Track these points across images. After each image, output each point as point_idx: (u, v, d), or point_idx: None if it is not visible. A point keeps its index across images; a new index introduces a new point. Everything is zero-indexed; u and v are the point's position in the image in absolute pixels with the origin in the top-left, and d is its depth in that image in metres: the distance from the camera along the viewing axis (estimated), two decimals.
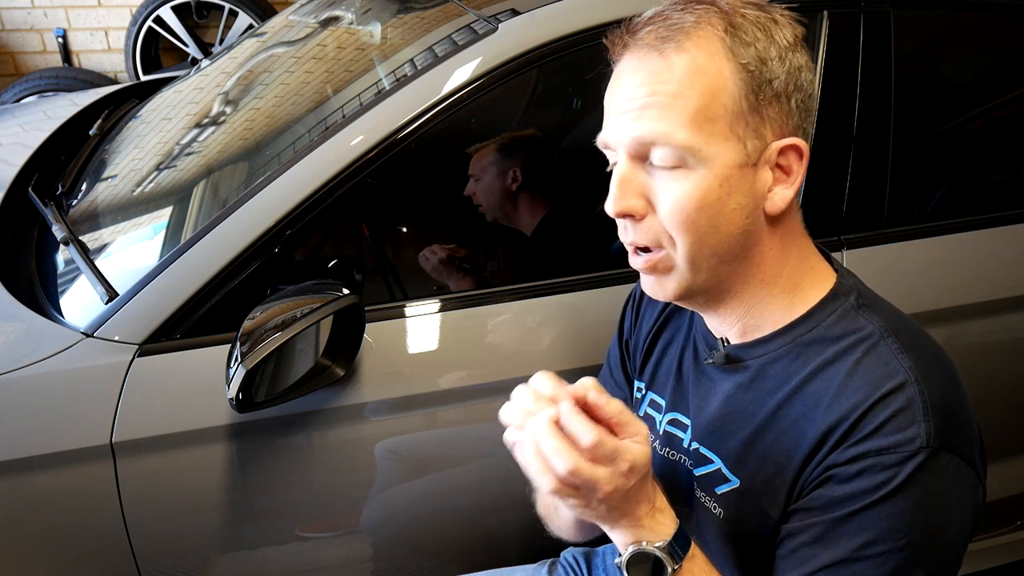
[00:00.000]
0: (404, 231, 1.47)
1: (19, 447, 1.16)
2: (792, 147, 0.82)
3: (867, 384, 0.79)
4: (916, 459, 0.75)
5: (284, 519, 1.32)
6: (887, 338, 0.81)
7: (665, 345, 1.03)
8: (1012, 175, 1.61)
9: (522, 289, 1.35)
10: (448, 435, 1.34)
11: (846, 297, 0.85)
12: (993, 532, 1.75)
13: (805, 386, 0.83)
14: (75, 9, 4.05)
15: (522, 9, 1.32)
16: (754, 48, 0.79)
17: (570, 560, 1.24)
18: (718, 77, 0.78)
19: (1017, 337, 1.54)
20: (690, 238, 0.81)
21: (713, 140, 0.78)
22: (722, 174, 0.79)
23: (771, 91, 0.80)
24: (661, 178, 0.80)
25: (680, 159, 0.79)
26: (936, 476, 0.76)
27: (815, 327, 0.84)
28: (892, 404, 0.77)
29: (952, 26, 1.51)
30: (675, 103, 0.78)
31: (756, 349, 0.88)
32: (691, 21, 0.79)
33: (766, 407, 0.85)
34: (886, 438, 0.76)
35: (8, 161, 1.81)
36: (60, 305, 1.35)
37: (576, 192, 1.53)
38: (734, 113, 0.79)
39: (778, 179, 0.82)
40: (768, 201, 0.82)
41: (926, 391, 0.77)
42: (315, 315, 1.10)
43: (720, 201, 0.80)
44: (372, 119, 1.26)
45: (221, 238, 1.23)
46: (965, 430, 0.80)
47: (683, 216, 0.80)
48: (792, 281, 0.86)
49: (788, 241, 0.86)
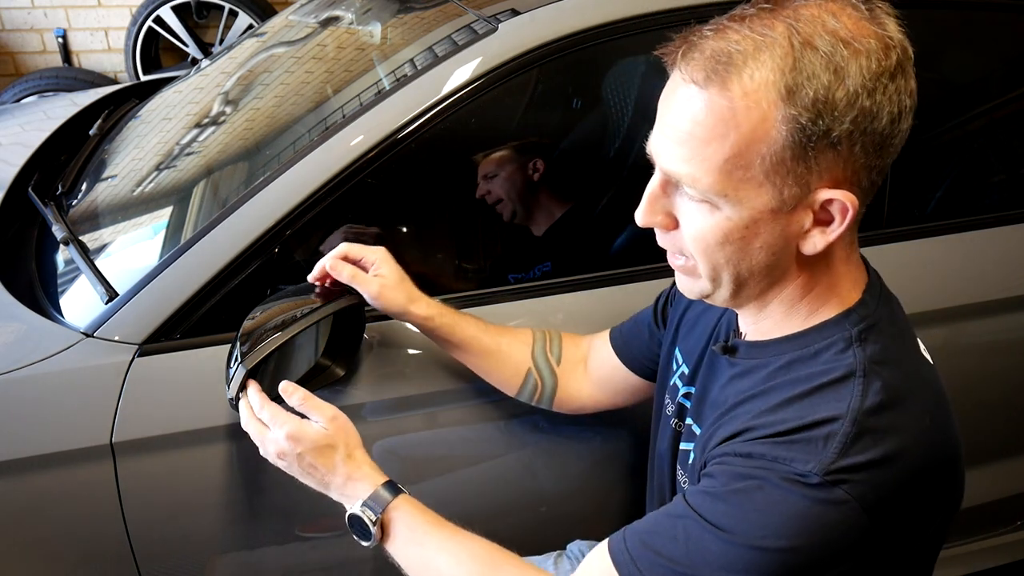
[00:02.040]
0: (404, 231, 1.47)
1: (19, 447, 1.16)
2: (837, 200, 0.75)
3: (807, 409, 0.78)
4: (794, 483, 0.74)
5: (284, 519, 1.32)
6: (858, 378, 0.77)
7: (702, 311, 1.05)
8: (1012, 175, 1.61)
9: (522, 289, 1.35)
10: (448, 435, 1.34)
11: (852, 326, 0.82)
12: (993, 532, 1.75)
13: (766, 392, 0.83)
14: (75, 9, 4.05)
15: (522, 9, 1.32)
16: (817, 89, 0.70)
17: (576, 553, 1.24)
18: (760, 124, 0.72)
19: (1017, 337, 1.54)
20: (708, 264, 0.81)
21: (744, 186, 0.74)
22: (750, 217, 0.76)
23: (826, 141, 0.72)
24: (687, 205, 0.79)
25: (706, 198, 0.77)
26: (811, 506, 0.73)
27: (807, 346, 0.83)
28: (814, 430, 0.76)
29: (952, 26, 1.51)
30: (705, 149, 0.74)
31: (753, 350, 0.89)
32: (746, 53, 0.72)
33: (732, 400, 0.87)
34: (785, 450, 0.76)
35: (8, 161, 1.81)
36: (60, 305, 1.35)
37: (580, 192, 1.53)
38: (773, 162, 0.73)
39: (818, 222, 0.77)
40: (805, 242, 0.79)
41: (855, 433, 0.74)
42: (315, 315, 1.10)
43: (744, 239, 0.78)
44: (372, 119, 1.26)
45: (221, 238, 1.23)
46: (888, 484, 0.75)
47: (703, 246, 0.79)
48: (816, 303, 0.85)
49: (822, 271, 0.83)
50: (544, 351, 1.22)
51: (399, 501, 0.96)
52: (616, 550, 0.83)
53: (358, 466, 0.98)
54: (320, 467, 0.98)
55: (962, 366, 1.52)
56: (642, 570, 0.79)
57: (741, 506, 0.76)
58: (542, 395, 1.22)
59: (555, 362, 1.22)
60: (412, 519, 0.95)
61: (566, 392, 1.22)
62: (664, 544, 0.79)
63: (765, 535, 0.74)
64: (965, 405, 1.51)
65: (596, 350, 1.23)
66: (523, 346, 1.21)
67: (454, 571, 0.92)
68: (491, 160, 1.44)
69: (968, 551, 1.72)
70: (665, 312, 1.16)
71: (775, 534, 0.74)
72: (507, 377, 1.21)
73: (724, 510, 0.77)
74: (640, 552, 0.80)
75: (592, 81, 1.47)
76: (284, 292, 1.17)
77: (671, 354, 1.09)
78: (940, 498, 0.81)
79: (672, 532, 0.79)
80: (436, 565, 0.93)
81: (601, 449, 1.38)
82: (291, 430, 0.97)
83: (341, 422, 1.00)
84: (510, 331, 1.22)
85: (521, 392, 1.22)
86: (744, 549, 0.75)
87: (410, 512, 0.96)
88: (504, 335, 1.21)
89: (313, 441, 0.97)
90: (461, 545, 0.93)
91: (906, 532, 0.79)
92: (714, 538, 0.76)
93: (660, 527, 0.81)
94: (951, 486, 0.83)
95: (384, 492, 0.96)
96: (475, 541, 0.94)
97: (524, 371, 1.20)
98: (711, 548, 0.76)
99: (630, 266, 1.37)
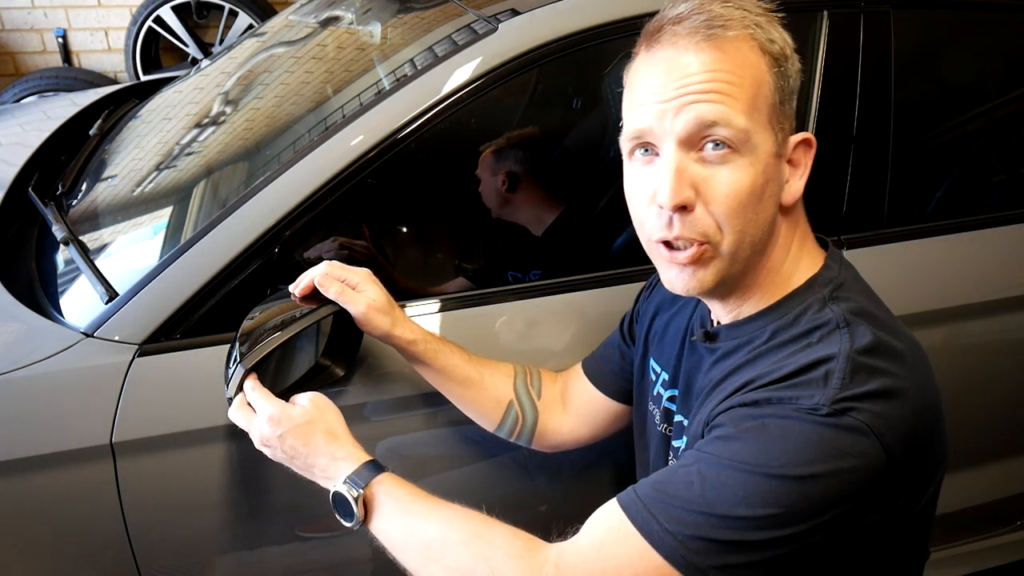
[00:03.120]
0: (404, 231, 1.47)
1: (19, 447, 1.16)
2: (804, 141, 0.88)
3: (800, 358, 0.81)
4: (805, 414, 0.77)
5: (284, 519, 1.32)
6: (842, 328, 0.82)
7: (668, 319, 1.09)
8: (1012, 175, 1.61)
9: (523, 289, 1.35)
10: (448, 435, 1.34)
11: (822, 288, 0.87)
12: (993, 532, 1.75)
13: (754, 360, 0.86)
14: (75, 9, 4.05)
15: (522, 9, 1.32)
16: (778, 45, 0.85)
17: None
18: (759, 68, 0.83)
19: (1017, 337, 1.54)
20: (738, 226, 0.83)
21: (759, 129, 0.82)
22: (764, 162, 0.83)
23: (789, 88, 0.86)
24: (713, 167, 0.82)
25: (735, 145, 0.81)
26: (825, 431, 0.76)
27: (786, 314, 0.87)
28: (811, 371, 0.79)
29: (952, 26, 1.51)
30: (732, 88, 0.81)
31: (732, 331, 0.91)
32: (727, 15, 0.83)
33: (719, 376, 0.89)
34: (789, 391, 0.79)
35: (8, 161, 1.81)
36: (60, 305, 1.35)
37: (581, 192, 1.53)
38: (771, 105, 0.83)
39: (792, 172, 0.88)
40: (785, 192, 0.87)
41: (851, 369, 0.78)
42: (315, 315, 1.10)
43: (762, 188, 0.83)
44: (372, 119, 1.25)
45: (221, 238, 1.23)
46: (893, 416, 0.78)
47: (736, 203, 0.82)
48: (787, 271, 0.90)
49: (792, 230, 0.90)
50: (526, 384, 1.22)
51: (383, 476, 0.95)
52: (626, 500, 0.82)
53: (341, 445, 0.98)
54: (301, 448, 0.98)
55: (962, 366, 1.52)
56: (655, 514, 0.79)
57: (756, 439, 0.77)
58: (522, 430, 1.21)
59: (536, 396, 1.22)
60: (397, 491, 0.93)
61: (546, 427, 1.22)
62: (678, 488, 0.79)
63: (783, 463, 0.75)
64: (965, 405, 1.52)
65: (572, 384, 1.24)
66: (505, 378, 1.21)
67: (445, 535, 0.88)
68: (485, 160, 1.43)
69: (968, 551, 1.72)
70: (632, 330, 1.18)
71: (793, 461, 0.75)
72: (488, 410, 1.20)
73: (739, 447, 0.78)
74: (652, 497, 0.80)
75: (592, 81, 1.47)
76: (284, 292, 1.17)
77: (646, 367, 1.11)
78: (936, 439, 0.84)
79: (687, 477, 0.79)
80: (424, 532, 0.89)
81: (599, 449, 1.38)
82: (271, 413, 0.99)
83: (320, 402, 1.01)
84: (492, 363, 1.21)
85: (501, 426, 1.21)
86: (762, 478, 0.75)
87: (394, 484, 0.94)
88: (487, 366, 1.20)
89: (292, 420, 0.98)
90: (451, 510, 0.91)
91: (916, 474, 0.81)
92: (731, 472, 0.77)
93: (673, 476, 0.81)
94: (941, 428, 0.85)
95: (367, 469, 0.95)
96: (464, 509, 0.91)
97: (505, 403, 1.20)
98: (728, 483, 0.76)
99: (629, 267, 1.37)
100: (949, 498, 1.53)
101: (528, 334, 1.33)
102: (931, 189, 1.53)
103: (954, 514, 1.61)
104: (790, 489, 0.74)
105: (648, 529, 0.78)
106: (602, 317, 1.31)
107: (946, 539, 1.68)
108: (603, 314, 1.32)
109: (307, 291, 1.11)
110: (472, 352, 1.21)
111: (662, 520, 0.78)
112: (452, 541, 0.87)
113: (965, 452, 1.57)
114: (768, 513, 0.75)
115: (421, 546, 0.89)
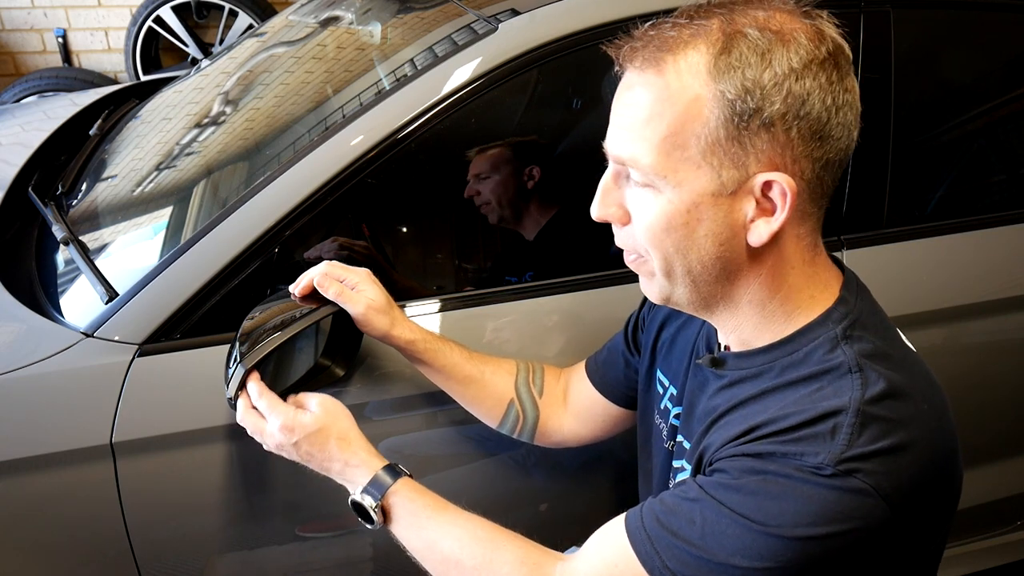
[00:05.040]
0: (404, 231, 1.47)
1: (19, 447, 1.16)
2: (776, 183, 0.77)
3: (808, 406, 0.78)
4: (809, 474, 0.74)
5: (284, 519, 1.32)
6: (854, 372, 0.78)
7: (676, 331, 1.07)
8: (1012, 175, 1.61)
9: (523, 289, 1.35)
10: (449, 434, 1.34)
11: (835, 324, 0.82)
12: (993, 532, 1.75)
13: (762, 396, 0.83)
14: (75, 9, 4.05)
15: (522, 9, 1.32)
16: (741, 74, 0.74)
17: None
18: (694, 104, 0.76)
19: (1017, 337, 1.54)
20: (658, 254, 0.82)
21: (682, 167, 0.77)
22: (690, 200, 0.78)
23: (758, 122, 0.75)
24: (634, 193, 0.82)
25: (649, 180, 0.79)
26: (828, 494, 0.73)
27: (796, 351, 0.83)
28: (818, 424, 0.76)
29: (952, 26, 1.51)
30: (644, 129, 0.78)
31: (741, 361, 0.88)
32: (681, 40, 0.77)
33: (724, 406, 0.87)
34: (794, 446, 0.76)
35: (8, 161, 1.81)
36: (60, 305, 1.35)
37: (578, 194, 1.53)
38: (708, 142, 0.76)
39: (763, 211, 0.78)
40: (751, 232, 0.79)
41: (860, 423, 0.75)
42: (315, 315, 1.10)
43: (688, 226, 0.79)
44: (372, 119, 1.25)
45: (221, 238, 1.23)
46: (901, 473, 0.75)
47: (650, 234, 0.81)
48: (788, 305, 0.85)
49: (782, 268, 0.83)
50: (527, 382, 1.21)
51: (398, 485, 0.98)
52: (633, 527, 0.83)
53: (354, 451, 1.00)
54: (317, 454, 1.00)
55: (962, 366, 1.52)
56: (659, 551, 0.80)
57: (756, 495, 0.76)
58: (523, 427, 1.21)
59: (537, 394, 1.21)
60: (412, 503, 0.97)
61: (547, 425, 1.22)
62: (681, 526, 0.79)
63: (781, 523, 0.74)
64: (965, 405, 1.51)
65: (574, 383, 1.23)
66: (507, 376, 1.21)
67: (456, 554, 0.93)
68: (483, 160, 1.43)
69: (968, 551, 1.72)
70: (636, 338, 1.16)
71: (792, 523, 0.74)
72: (489, 407, 1.20)
73: (740, 499, 0.77)
74: (657, 532, 0.81)
75: (592, 81, 1.47)
76: (284, 292, 1.17)
77: (652, 378, 1.10)
78: (950, 484, 0.81)
79: (690, 515, 0.79)
80: (439, 547, 0.94)
81: (599, 448, 1.38)
82: (284, 422, 1.00)
83: (330, 406, 1.02)
84: (493, 360, 1.21)
85: (503, 423, 1.21)
86: (762, 536, 0.75)
87: (410, 496, 0.97)
88: (487, 364, 1.20)
89: (305, 428, 1.00)
90: (462, 527, 0.95)
91: (924, 524, 0.79)
92: (731, 523, 0.76)
93: (678, 508, 0.81)
94: (956, 471, 0.83)
95: (383, 477, 0.98)
96: (476, 522, 0.95)
97: (506, 402, 1.20)
98: (727, 532, 0.76)
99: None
100: None
101: (528, 334, 1.33)
102: (931, 189, 1.53)
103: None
104: (788, 547, 0.74)
105: (652, 565, 0.80)
106: (603, 318, 1.31)
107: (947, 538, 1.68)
108: (604, 315, 1.32)
109: (307, 291, 1.11)
110: (473, 351, 1.21)
111: (664, 557, 0.79)
112: (464, 566, 0.92)
113: (965, 452, 1.57)
114: (765, 566, 0.75)
115: (437, 561, 0.95)
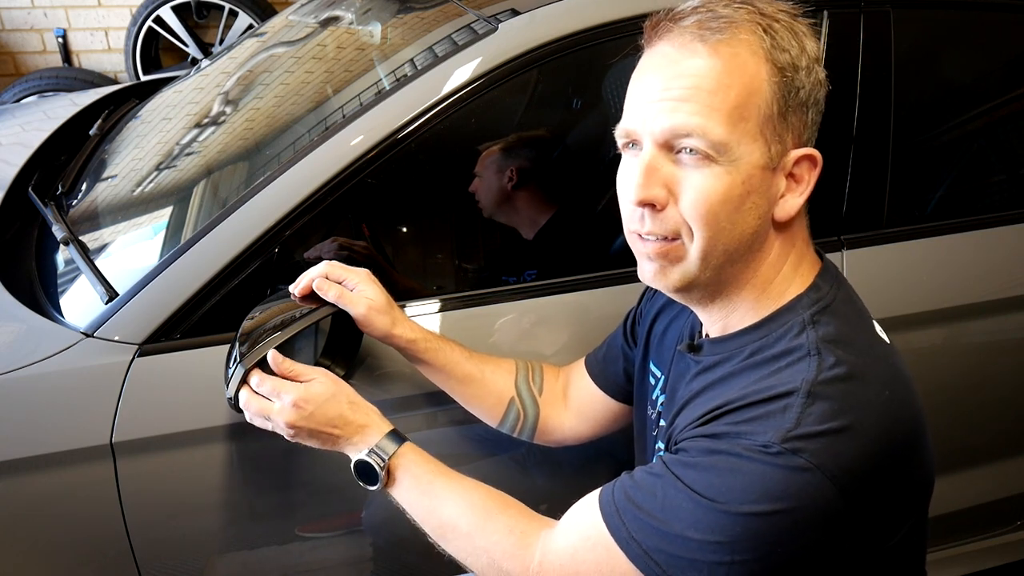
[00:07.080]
0: (404, 231, 1.47)
1: (19, 447, 1.16)
2: (808, 157, 0.84)
3: (764, 386, 0.81)
4: (757, 453, 0.77)
5: (284, 519, 1.32)
6: (812, 355, 0.81)
7: (669, 322, 1.09)
8: (1012, 175, 1.61)
9: (523, 289, 1.35)
10: (449, 434, 1.34)
11: (804, 310, 0.86)
12: (993, 532, 1.75)
13: (728, 379, 0.87)
14: (75, 9, 4.05)
15: (522, 9, 1.32)
16: (789, 54, 0.81)
17: None
18: (756, 77, 0.80)
19: (1017, 337, 1.54)
20: (708, 232, 0.83)
21: (744, 139, 0.80)
22: (746, 172, 0.81)
23: (797, 99, 0.82)
24: (687, 169, 0.82)
25: (711, 154, 0.80)
26: (773, 472, 0.76)
27: (766, 335, 0.86)
28: (771, 404, 0.79)
29: (952, 26, 1.51)
30: (714, 98, 0.79)
31: (715, 346, 0.91)
32: (734, 20, 0.81)
33: (697, 389, 0.90)
34: (746, 426, 0.79)
35: (8, 161, 1.81)
36: (60, 305, 1.35)
37: (579, 193, 1.53)
38: (765, 115, 0.81)
39: (789, 187, 0.85)
40: (779, 207, 0.85)
41: (809, 403, 0.77)
42: (315, 315, 1.10)
43: (740, 198, 0.82)
44: (372, 119, 1.25)
45: (221, 238, 1.23)
46: (849, 455, 0.77)
47: (705, 209, 0.82)
48: (777, 289, 0.88)
49: (788, 248, 0.88)
50: (527, 381, 1.22)
51: (404, 449, 1.01)
52: (605, 501, 0.87)
53: (365, 413, 1.03)
54: (332, 419, 1.01)
55: (962, 366, 1.52)
56: (626, 522, 0.84)
57: (709, 472, 0.79)
58: (524, 426, 1.22)
59: (537, 392, 1.22)
60: (417, 467, 1.00)
61: (548, 423, 1.22)
62: (645, 499, 0.83)
63: (728, 499, 0.77)
64: (965, 405, 1.52)
65: (574, 380, 1.24)
66: (507, 375, 1.21)
67: (454, 519, 0.96)
68: (483, 159, 1.43)
69: (968, 551, 1.72)
70: (635, 331, 1.18)
71: (738, 499, 0.77)
72: (489, 406, 1.21)
73: (694, 476, 0.80)
74: (625, 505, 0.85)
75: (592, 81, 1.47)
76: (284, 292, 1.17)
77: (646, 370, 1.12)
78: (907, 474, 0.83)
79: (652, 489, 0.83)
80: (440, 512, 0.97)
81: (599, 447, 1.38)
82: (297, 396, 1.01)
83: (331, 376, 1.05)
84: (494, 359, 1.22)
85: (503, 422, 1.22)
86: (712, 511, 0.78)
87: (415, 461, 1.00)
88: (488, 363, 1.20)
89: (319, 395, 1.01)
90: (464, 494, 0.97)
91: (878, 509, 0.80)
92: (686, 498, 0.80)
93: (644, 483, 0.85)
94: (917, 462, 0.84)
95: (390, 440, 1.01)
96: (475, 489, 0.98)
97: (507, 400, 1.20)
98: (683, 507, 0.80)
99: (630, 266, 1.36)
100: (949, 498, 1.54)
101: (528, 334, 1.33)
102: (931, 189, 1.53)
103: (954, 514, 1.61)
104: (736, 522, 0.77)
105: (619, 536, 0.84)
106: (603, 317, 1.31)
107: (946, 539, 1.68)
108: (604, 315, 1.32)
109: (307, 291, 1.11)
110: (473, 350, 1.21)
111: (631, 528, 0.83)
112: (460, 531, 0.95)
113: (965, 452, 1.57)
114: (716, 540, 0.78)
115: (435, 526, 0.98)
